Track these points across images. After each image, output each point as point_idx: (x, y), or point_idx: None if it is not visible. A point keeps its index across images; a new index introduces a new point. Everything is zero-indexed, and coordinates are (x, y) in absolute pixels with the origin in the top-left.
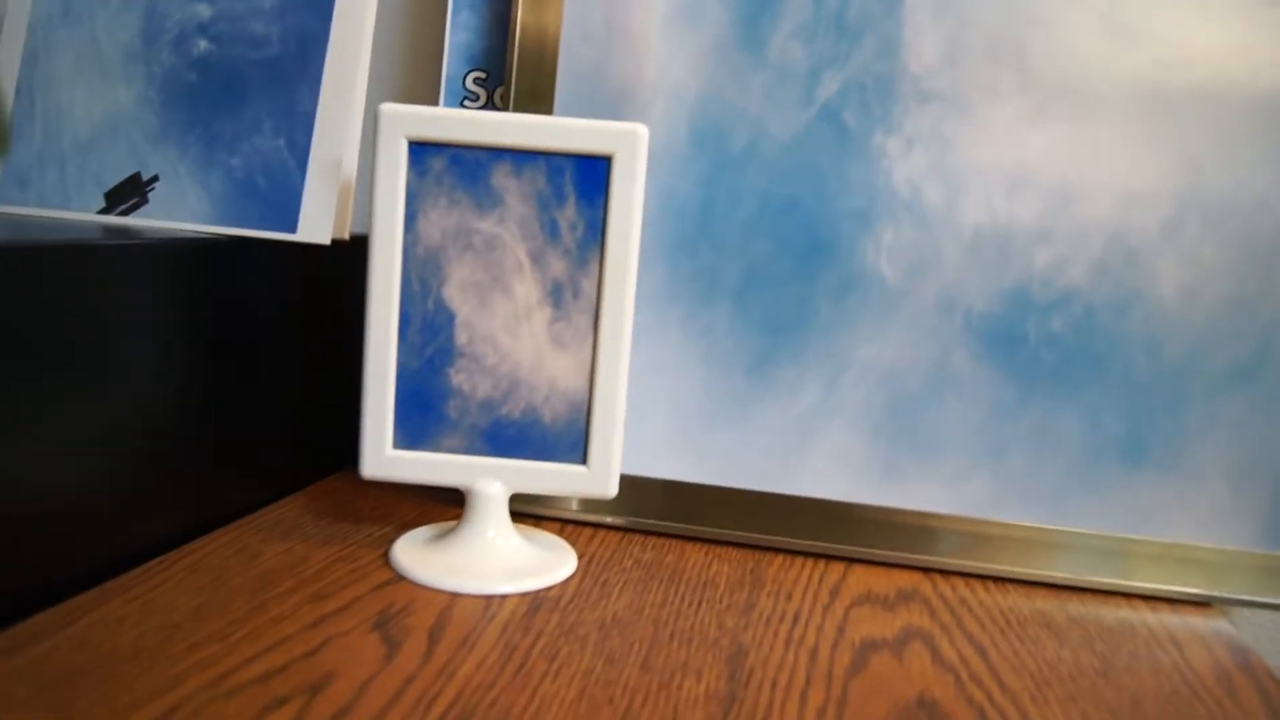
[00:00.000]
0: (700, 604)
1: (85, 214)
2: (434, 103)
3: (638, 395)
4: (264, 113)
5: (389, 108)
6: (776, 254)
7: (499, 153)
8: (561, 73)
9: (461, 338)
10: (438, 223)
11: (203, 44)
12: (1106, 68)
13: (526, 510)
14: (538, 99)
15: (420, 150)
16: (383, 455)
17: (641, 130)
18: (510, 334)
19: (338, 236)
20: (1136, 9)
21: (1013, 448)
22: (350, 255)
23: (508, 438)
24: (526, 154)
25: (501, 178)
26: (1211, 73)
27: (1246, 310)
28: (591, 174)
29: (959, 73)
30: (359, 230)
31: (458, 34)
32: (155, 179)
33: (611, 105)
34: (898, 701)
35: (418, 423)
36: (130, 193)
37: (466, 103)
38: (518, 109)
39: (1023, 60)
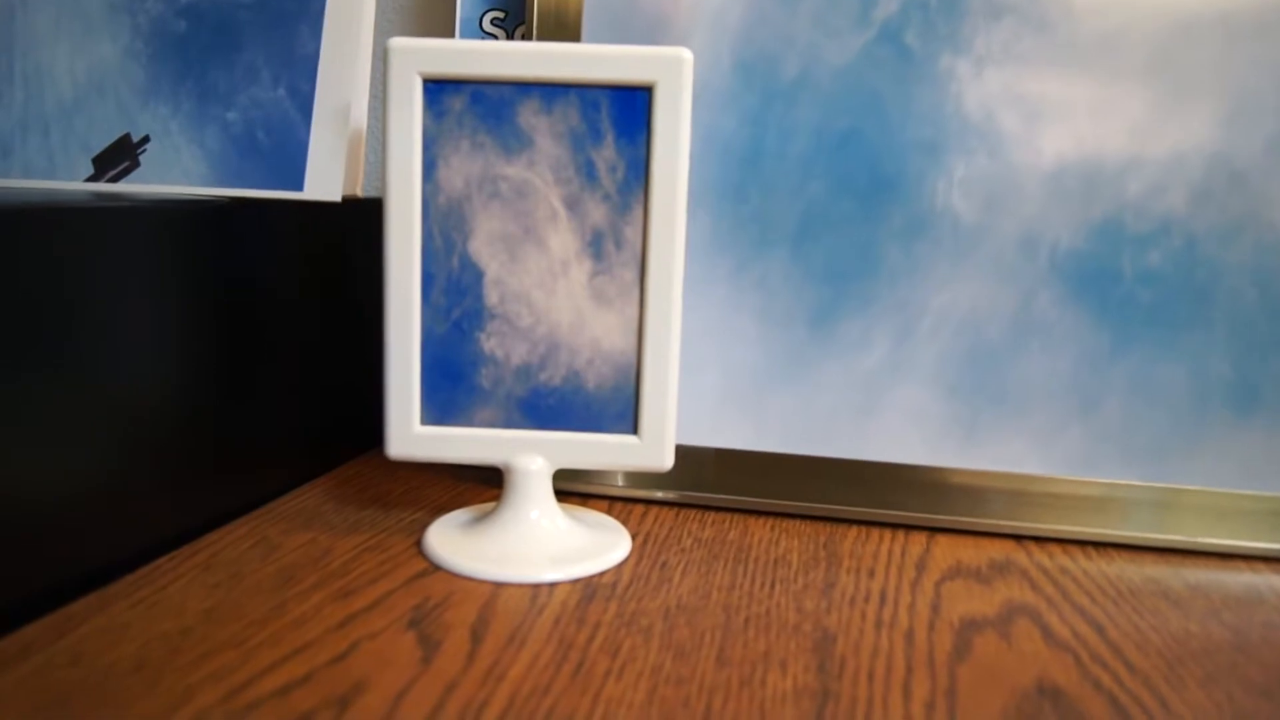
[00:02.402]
0: (773, 584)
1: (73, 182)
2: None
3: (686, 356)
4: (261, 59)
5: (399, 42)
6: (836, 194)
7: (526, 88)
8: (588, 5)
9: (492, 297)
10: (460, 170)
11: None
12: None
13: (569, 488)
14: (563, 36)
15: (437, 89)
16: (410, 433)
17: (686, 55)
18: (546, 291)
19: (349, 193)
20: None
21: (1108, 399)
22: (364, 213)
23: (548, 408)
24: (557, 87)
25: (530, 116)
26: None
27: None
28: (631, 107)
29: None
30: (373, 185)
31: None
32: (146, 140)
33: (645, 38)
34: (1015, 688)
35: (447, 395)
36: (120, 156)
37: (491, 26)
38: None
39: None
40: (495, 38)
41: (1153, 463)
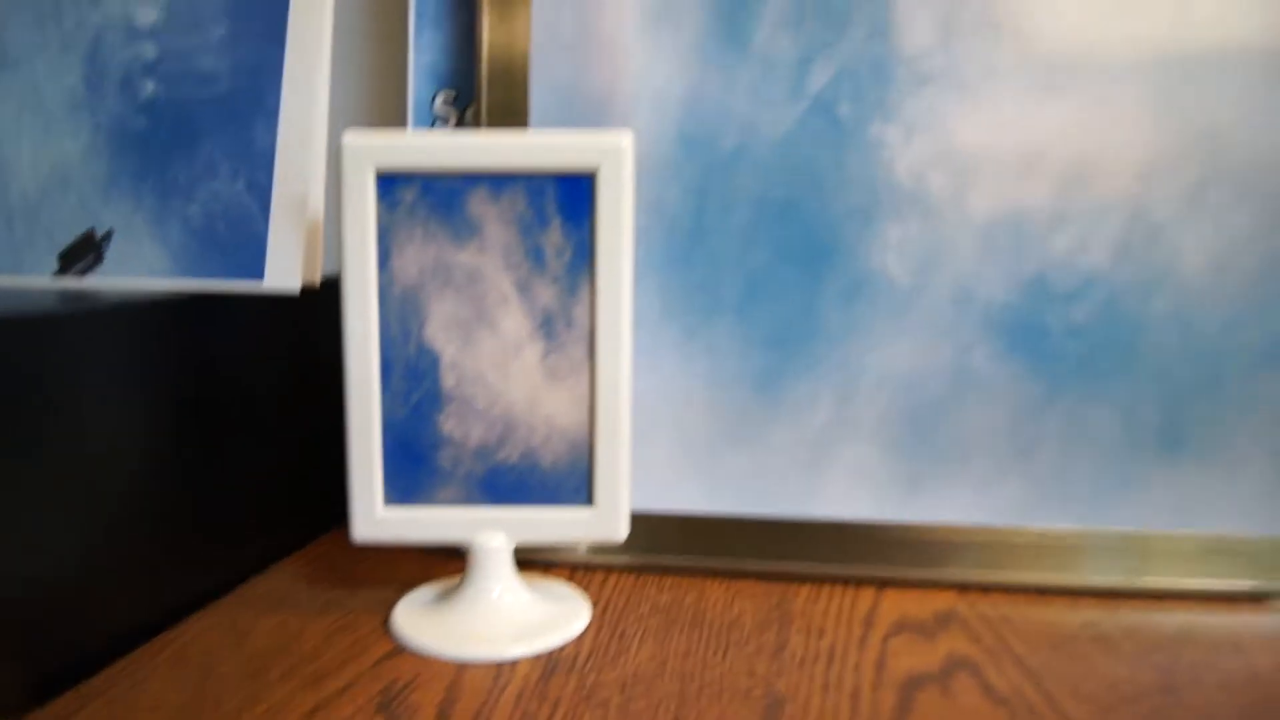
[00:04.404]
0: (727, 649)
1: (39, 276)
2: (402, 129)
3: (640, 423)
4: (219, 154)
5: (352, 138)
6: (777, 261)
7: (474, 178)
8: (535, 86)
9: (449, 381)
10: (414, 259)
11: (150, 85)
12: (1113, 35)
13: (532, 556)
14: (511, 116)
15: (389, 182)
16: (374, 516)
17: (626, 141)
18: (501, 372)
19: (308, 281)
20: None
21: (1042, 448)
22: (325, 298)
23: (507, 485)
24: (504, 177)
25: (479, 204)
26: (1225, 32)
27: None
28: (575, 192)
29: (956, 51)
30: (332, 266)
31: (422, 54)
32: (110, 234)
33: (591, 116)
34: None
35: (409, 477)
36: (85, 250)
37: (438, 124)
38: (491, 128)
39: (1022, 33)
40: (447, 119)
41: (1088, 508)
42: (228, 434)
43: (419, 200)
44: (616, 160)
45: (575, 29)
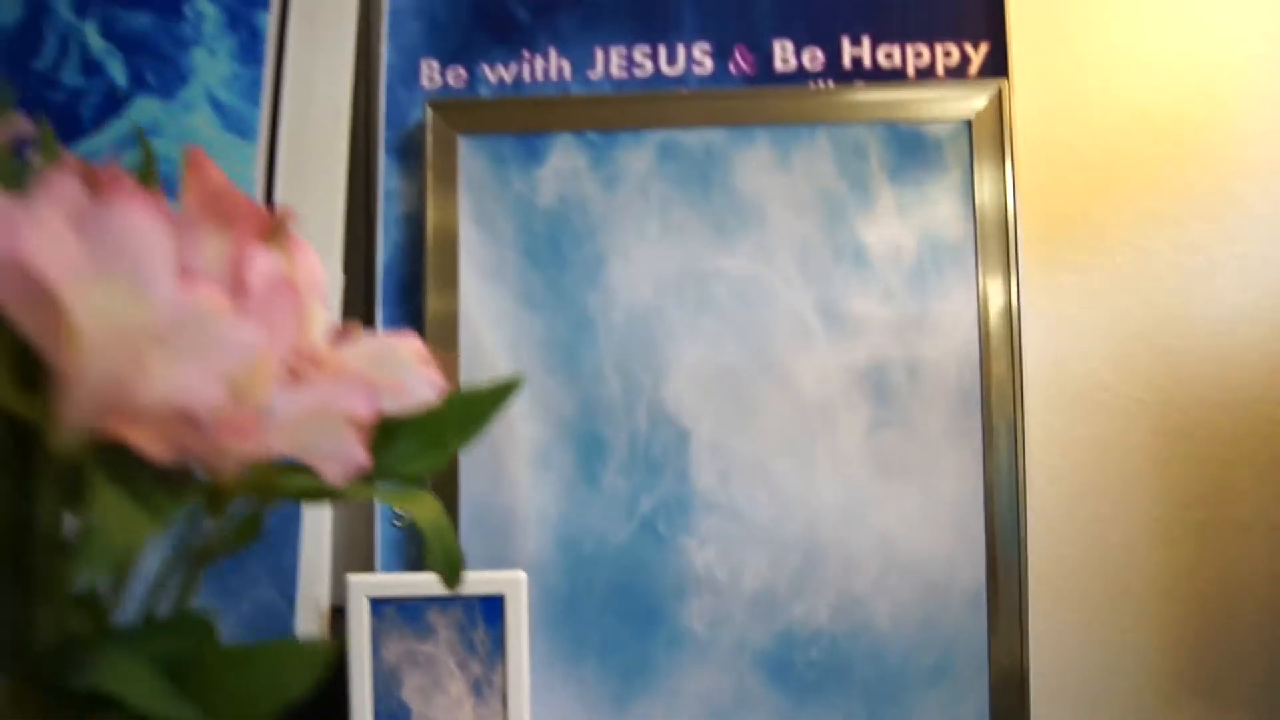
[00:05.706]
0: None
1: None
2: (370, 528)
3: None
4: (261, 572)
5: (355, 579)
6: (622, 623)
7: (429, 600)
8: (463, 505)
9: None
10: (393, 650)
11: None
12: (818, 486)
13: None
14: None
15: (377, 604)
16: None
17: (522, 576)
18: (450, 717)
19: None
20: (826, 473)
21: None
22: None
23: None
24: (447, 599)
25: (433, 615)
26: (900, 452)
27: (934, 629)
28: (493, 608)
29: (731, 490)
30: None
31: None
32: None
33: (501, 524)
34: None
35: None
36: None
37: (395, 522)
38: None
39: (770, 481)
40: (402, 517)
41: None
42: None
43: (396, 614)
44: (515, 588)
45: (490, 469)
